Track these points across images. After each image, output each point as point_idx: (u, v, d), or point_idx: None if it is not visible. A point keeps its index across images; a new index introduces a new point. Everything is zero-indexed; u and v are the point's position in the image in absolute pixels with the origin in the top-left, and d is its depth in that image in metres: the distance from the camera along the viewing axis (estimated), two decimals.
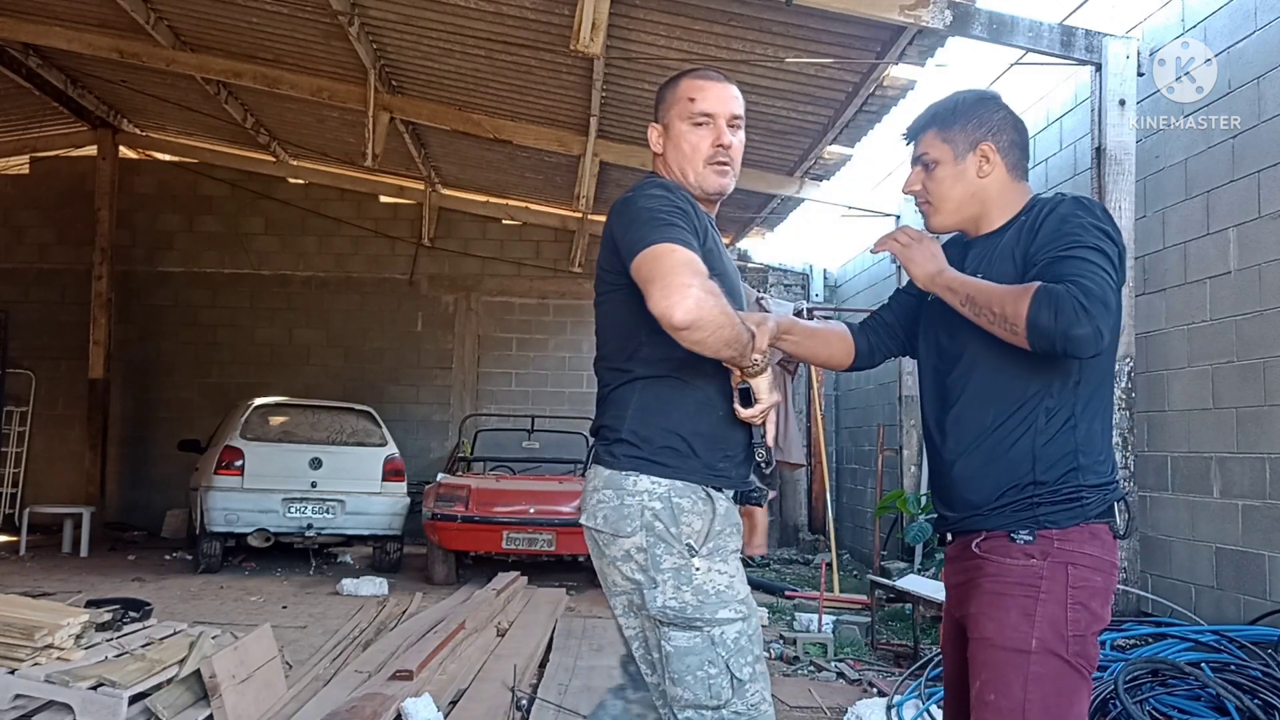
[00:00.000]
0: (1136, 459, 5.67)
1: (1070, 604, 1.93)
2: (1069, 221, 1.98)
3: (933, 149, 2.16)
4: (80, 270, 12.15)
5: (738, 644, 2.04)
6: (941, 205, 2.17)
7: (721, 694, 2.01)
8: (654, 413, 2.10)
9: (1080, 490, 1.99)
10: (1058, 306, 1.83)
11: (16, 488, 11.88)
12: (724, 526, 2.10)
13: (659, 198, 2.07)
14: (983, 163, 2.13)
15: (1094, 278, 1.87)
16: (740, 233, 12.00)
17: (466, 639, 5.62)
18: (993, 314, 1.94)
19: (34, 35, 9.12)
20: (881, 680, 5.13)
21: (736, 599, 2.06)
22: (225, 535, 8.94)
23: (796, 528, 12.52)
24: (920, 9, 5.67)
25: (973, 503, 2.05)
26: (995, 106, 2.17)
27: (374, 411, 9.89)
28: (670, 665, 2.04)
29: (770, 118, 8.02)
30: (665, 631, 2.05)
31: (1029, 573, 1.95)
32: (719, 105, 2.20)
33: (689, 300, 1.87)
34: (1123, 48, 5.64)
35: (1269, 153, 5.03)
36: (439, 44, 7.90)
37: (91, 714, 3.50)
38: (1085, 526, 1.98)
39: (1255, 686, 3.92)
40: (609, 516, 2.10)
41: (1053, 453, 1.99)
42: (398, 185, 12.60)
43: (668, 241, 1.96)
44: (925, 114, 2.20)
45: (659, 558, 2.05)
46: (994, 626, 1.96)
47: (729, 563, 2.08)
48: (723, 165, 2.20)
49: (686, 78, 2.26)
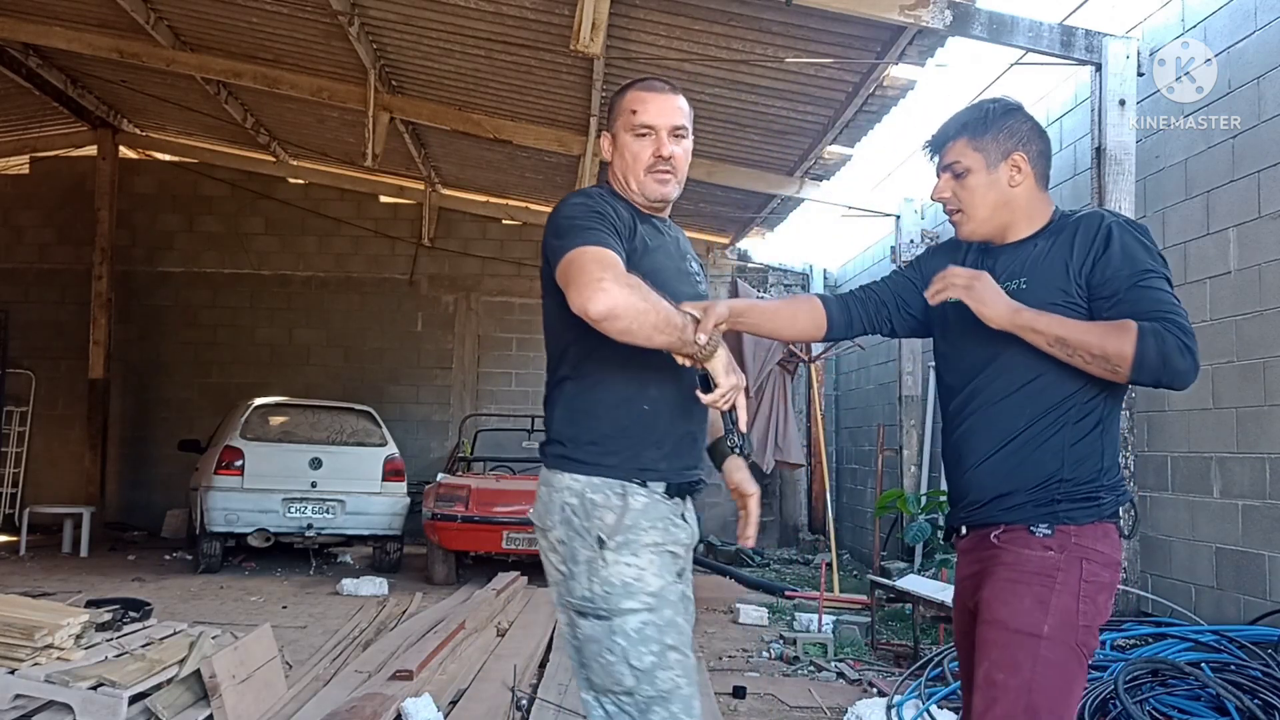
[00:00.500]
0: (1136, 459, 5.67)
1: (1082, 596, 2.01)
2: (1130, 247, 2.05)
3: (965, 157, 2.18)
4: (80, 270, 12.15)
5: (641, 634, 2.10)
6: (975, 213, 2.20)
7: (623, 680, 2.09)
8: (577, 412, 2.20)
9: (1099, 490, 2.07)
10: (1164, 348, 1.92)
11: (16, 488, 11.88)
12: (638, 521, 2.15)
13: (577, 205, 2.16)
14: (1014, 172, 2.17)
15: (1184, 315, 1.97)
16: (740, 233, 12.01)
17: (466, 639, 5.62)
18: (1090, 355, 1.98)
19: (34, 35, 9.12)
20: (881, 680, 5.13)
21: (645, 591, 2.12)
22: (225, 535, 8.93)
23: (796, 528, 12.52)
24: (920, 9, 5.67)
25: (996, 498, 2.11)
26: (1023, 117, 2.21)
27: (374, 411, 9.89)
28: (581, 653, 2.15)
29: (770, 118, 8.02)
30: (577, 620, 2.15)
31: (1046, 563, 2.03)
32: (660, 117, 2.26)
33: (600, 291, 1.94)
34: (1123, 48, 5.64)
35: (1269, 153, 5.03)
36: (439, 44, 7.90)
37: (91, 714, 3.50)
38: (1099, 525, 2.06)
39: (1255, 686, 3.92)
40: (538, 511, 2.24)
41: (1081, 453, 2.07)
42: (398, 185, 12.60)
43: (581, 245, 2.04)
44: (954, 123, 2.22)
45: (575, 550, 2.15)
46: (1007, 610, 2.03)
47: (639, 556, 2.13)
48: (663, 174, 2.27)
49: (632, 89, 2.32)
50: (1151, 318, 1.96)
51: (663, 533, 2.18)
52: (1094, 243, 2.07)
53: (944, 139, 2.23)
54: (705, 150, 8.96)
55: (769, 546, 12.19)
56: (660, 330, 1.99)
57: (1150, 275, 2.01)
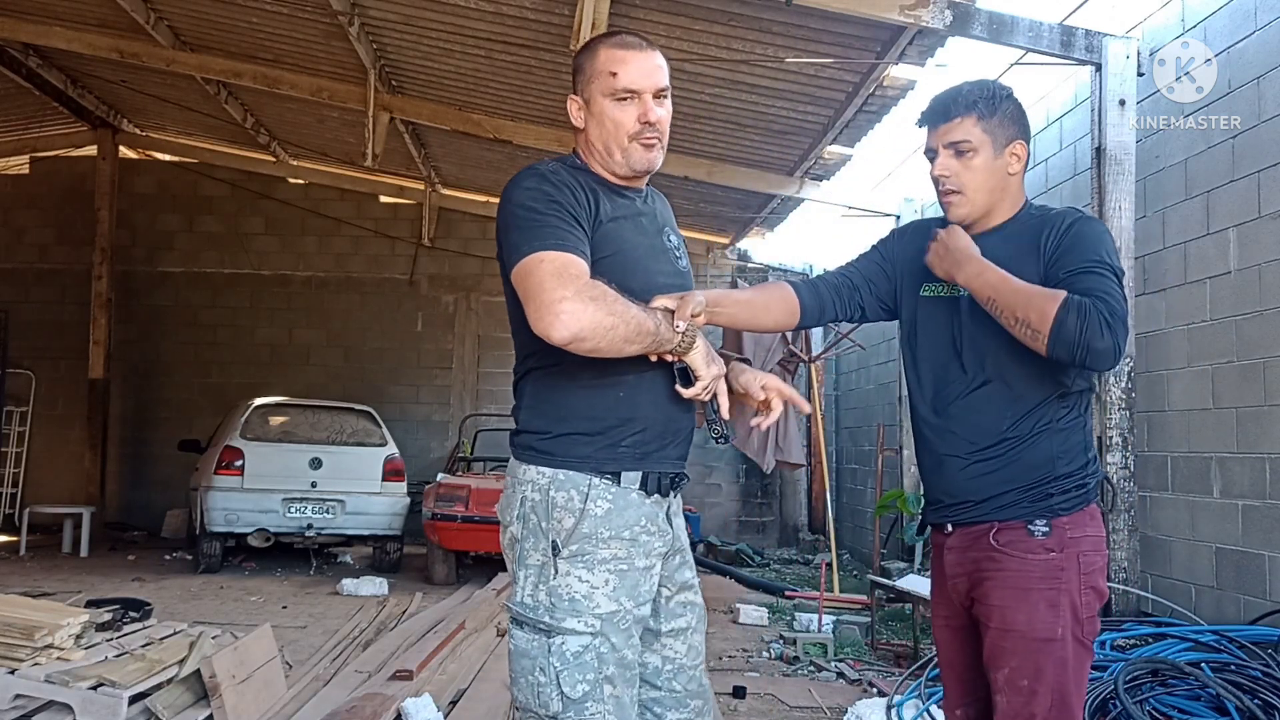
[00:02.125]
0: (1136, 459, 5.67)
1: (1083, 589, 2.09)
2: (1087, 238, 2.08)
3: (973, 136, 2.14)
4: (80, 270, 12.15)
5: (579, 659, 1.92)
6: (973, 196, 2.17)
7: (549, 705, 1.92)
8: (546, 403, 2.04)
9: (1087, 478, 2.13)
10: (1085, 321, 1.92)
11: (16, 488, 11.87)
12: (597, 530, 1.97)
13: (530, 190, 1.97)
14: (1014, 160, 2.18)
15: (1120, 300, 1.98)
16: (740, 233, 12.01)
17: (466, 639, 5.62)
18: (1015, 318, 2.00)
19: (34, 35, 9.12)
20: (881, 680, 5.13)
21: (592, 612, 1.94)
22: (225, 535, 8.93)
23: (796, 528, 12.52)
24: (920, 9, 5.67)
25: (988, 498, 2.13)
26: (1019, 104, 2.21)
27: (374, 411, 9.89)
28: (511, 662, 2.00)
29: (770, 118, 8.02)
30: (513, 628, 2.01)
31: (1051, 566, 2.08)
32: (643, 79, 2.04)
33: (562, 315, 1.81)
34: (1123, 48, 5.64)
35: (1269, 153, 5.03)
36: (439, 44, 7.90)
37: (91, 714, 3.50)
38: (1087, 509, 2.13)
39: (1255, 686, 3.92)
40: (500, 504, 2.10)
41: (1071, 448, 2.12)
42: (398, 185, 12.59)
43: (538, 250, 1.88)
44: (961, 99, 2.16)
45: (527, 551, 2.00)
46: (1024, 619, 2.08)
47: (594, 572, 1.95)
48: (650, 140, 2.06)
49: (604, 46, 2.09)
50: (1085, 290, 1.98)
51: (628, 545, 1.99)
52: (1059, 237, 2.10)
53: (951, 114, 2.16)
54: (705, 150, 8.96)
55: (769, 546, 12.19)
56: (631, 341, 1.88)
57: (1099, 265, 2.03)
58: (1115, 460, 5.58)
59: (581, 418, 2.01)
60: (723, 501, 12.65)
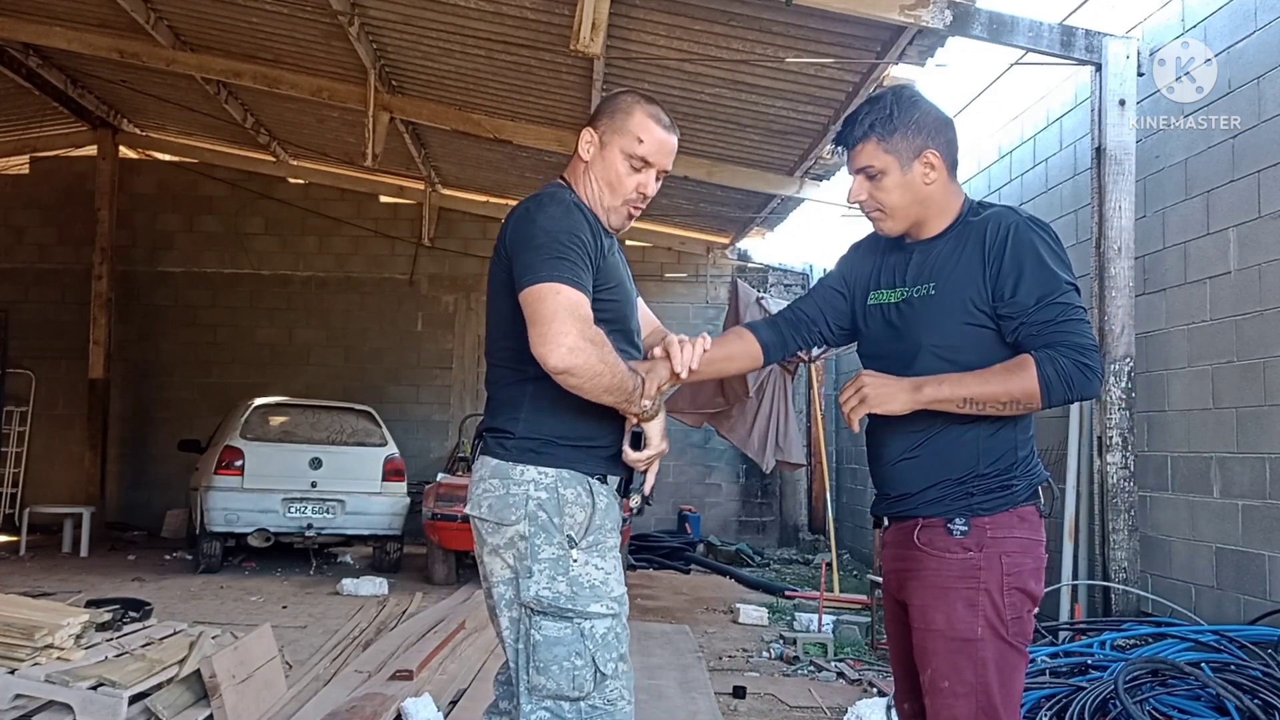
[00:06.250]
0: (1136, 459, 5.67)
1: (1006, 590, 2.08)
2: (1027, 253, 2.07)
3: (876, 160, 2.18)
4: (80, 270, 12.15)
5: (605, 639, 2.10)
6: (894, 213, 2.22)
7: (584, 685, 2.07)
8: (546, 413, 2.18)
9: (1012, 480, 2.12)
10: (1063, 374, 2.00)
11: (16, 488, 11.87)
12: (604, 521, 2.18)
13: (558, 219, 2.12)
14: (928, 170, 2.18)
15: (1083, 329, 2.03)
16: (740, 233, 12.01)
17: (466, 639, 5.62)
18: (1000, 404, 2.05)
19: (34, 35, 9.12)
20: (881, 680, 5.13)
21: (610, 595, 2.13)
22: (225, 535, 8.93)
23: (796, 528, 12.52)
24: (920, 9, 5.67)
25: (913, 493, 2.17)
26: (926, 107, 2.21)
27: (374, 411, 9.89)
28: (537, 654, 2.10)
29: (770, 118, 8.02)
30: (536, 620, 2.11)
31: (968, 565, 2.09)
32: (660, 158, 2.27)
33: (563, 348, 1.98)
34: (1123, 48, 5.64)
35: (1269, 153, 5.03)
36: (439, 44, 7.90)
37: (91, 714, 3.50)
38: (1013, 511, 2.12)
39: (1255, 686, 3.92)
40: (494, 505, 2.17)
41: (996, 447, 2.12)
42: (398, 185, 12.59)
43: (555, 281, 2.03)
44: (861, 123, 2.20)
45: (538, 547, 2.12)
46: (942, 618, 2.09)
47: (606, 559, 2.16)
48: (636, 209, 2.30)
49: (642, 111, 2.27)
50: (1049, 339, 2.02)
51: (615, 536, 2.22)
52: (1001, 248, 2.09)
53: (852, 142, 2.21)
54: (705, 150, 8.96)
55: (769, 546, 12.19)
56: (610, 392, 2.06)
57: (1052, 293, 2.04)
58: (1115, 460, 5.58)
59: (580, 427, 2.18)
60: (723, 501, 12.64)
